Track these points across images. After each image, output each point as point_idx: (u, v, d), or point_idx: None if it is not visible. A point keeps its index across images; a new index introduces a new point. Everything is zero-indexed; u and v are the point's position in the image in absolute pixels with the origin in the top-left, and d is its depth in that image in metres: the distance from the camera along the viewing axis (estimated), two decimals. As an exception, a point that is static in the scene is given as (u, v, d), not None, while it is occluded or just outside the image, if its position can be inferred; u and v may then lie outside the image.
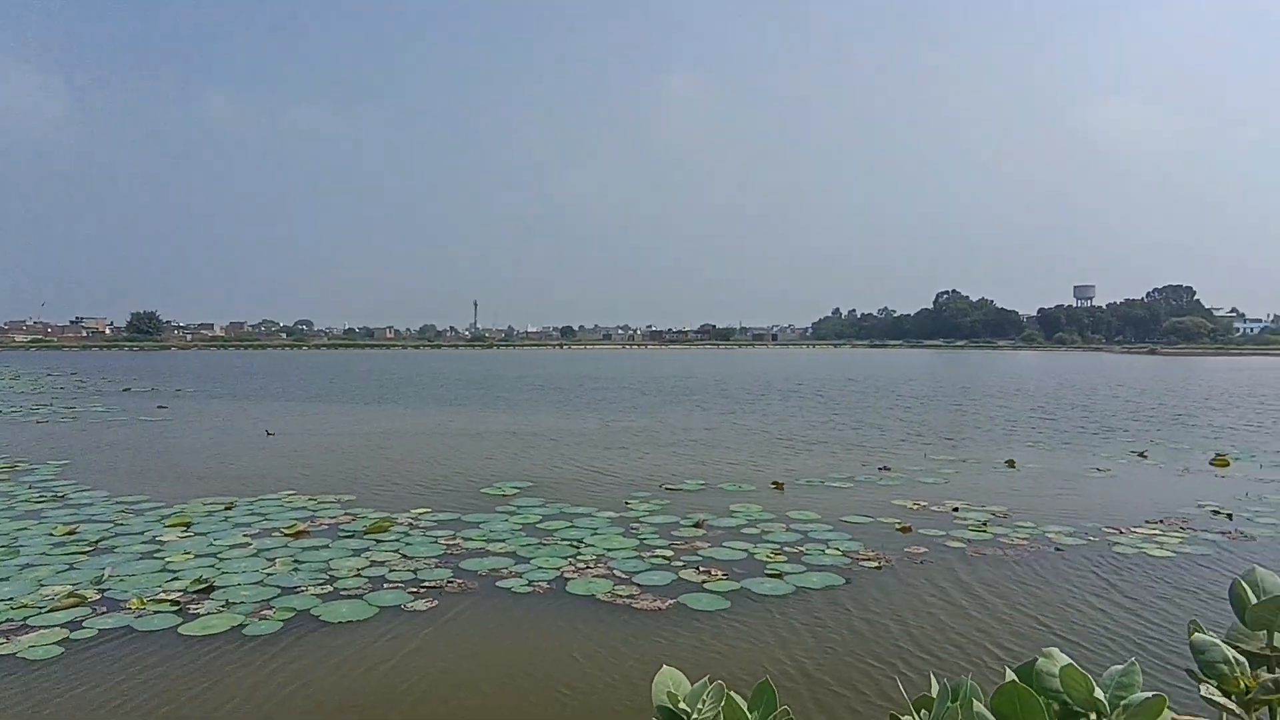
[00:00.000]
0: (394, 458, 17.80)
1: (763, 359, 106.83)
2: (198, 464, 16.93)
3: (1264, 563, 8.18)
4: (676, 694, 1.68)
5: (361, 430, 23.38)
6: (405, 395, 38.54)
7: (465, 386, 45.64)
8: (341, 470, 15.98)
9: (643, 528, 10.95)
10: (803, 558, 9.47)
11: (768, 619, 7.47)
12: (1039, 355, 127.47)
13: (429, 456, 18.00)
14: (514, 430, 23.28)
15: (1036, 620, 7.49)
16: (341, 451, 18.81)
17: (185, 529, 10.84)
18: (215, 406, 31.83)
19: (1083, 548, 10.05)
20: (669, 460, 17.43)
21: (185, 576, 8.64)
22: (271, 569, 9.00)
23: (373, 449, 19.29)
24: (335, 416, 27.75)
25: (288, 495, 13.19)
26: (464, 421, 25.98)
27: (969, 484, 14.56)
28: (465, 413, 29.27)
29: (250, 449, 19.27)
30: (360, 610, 7.69)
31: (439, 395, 38.60)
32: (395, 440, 20.98)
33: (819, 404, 33.50)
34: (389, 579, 8.63)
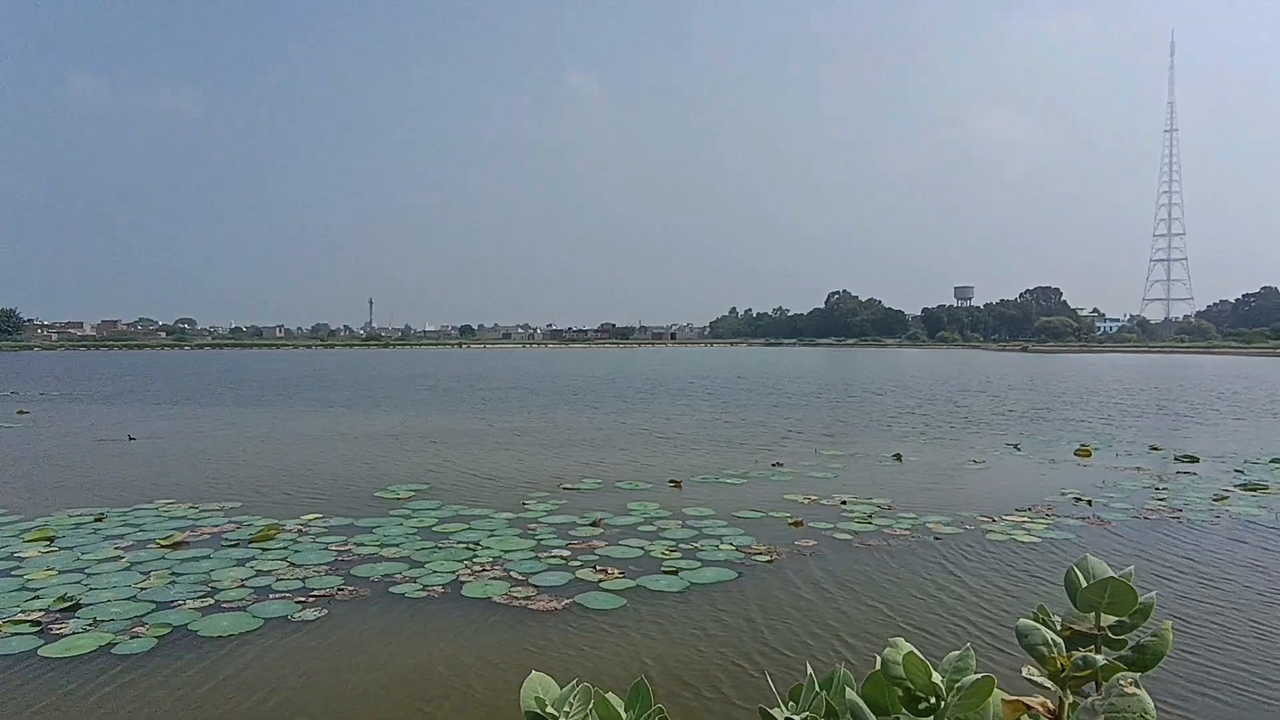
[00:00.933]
0: (282, 462, 17.11)
1: (661, 358, 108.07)
2: (64, 473, 15.80)
3: (1114, 543, 8.92)
4: (545, 699, 1.71)
5: (247, 434, 22.34)
6: (295, 396, 37.07)
7: (358, 387, 44.26)
8: (225, 476, 15.24)
9: (540, 528, 10.93)
10: (698, 554, 9.66)
11: (663, 616, 7.60)
12: (923, 352, 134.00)
13: (320, 460, 17.39)
14: (409, 432, 22.75)
15: (915, 607, 7.89)
16: (225, 456, 17.93)
17: (48, 544, 10.11)
18: (85, 410, 29.75)
19: (959, 536, 10.65)
20: (567, 460, 17.43)
21: (47, 595, 8.06)
22: (145, 583, 8.50)
23: (260, 453, 18.48)
24: (218, 420, 26.41)
25: (165, 504, 12.49)
26: (357, 423, 25.21)
27: (857, 478, 15.18)
28: (358, 414, 28.40)
29: (124, 456, 18.11)
30: (243, 623, 7.37)
31: (331, 396, 37.30)
32: (284, 444, 20.17)
33: (714, 402, 34.17)
34: (275, 589, 8.31)
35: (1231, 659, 6.57)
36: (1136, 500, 13.04)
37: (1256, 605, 7.95)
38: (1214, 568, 9.25)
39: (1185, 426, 24.82)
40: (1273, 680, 6.17)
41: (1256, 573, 9.06)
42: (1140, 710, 1.86)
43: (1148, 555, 9.77)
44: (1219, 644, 6.89)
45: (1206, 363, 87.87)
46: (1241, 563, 9.47)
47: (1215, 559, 9.62)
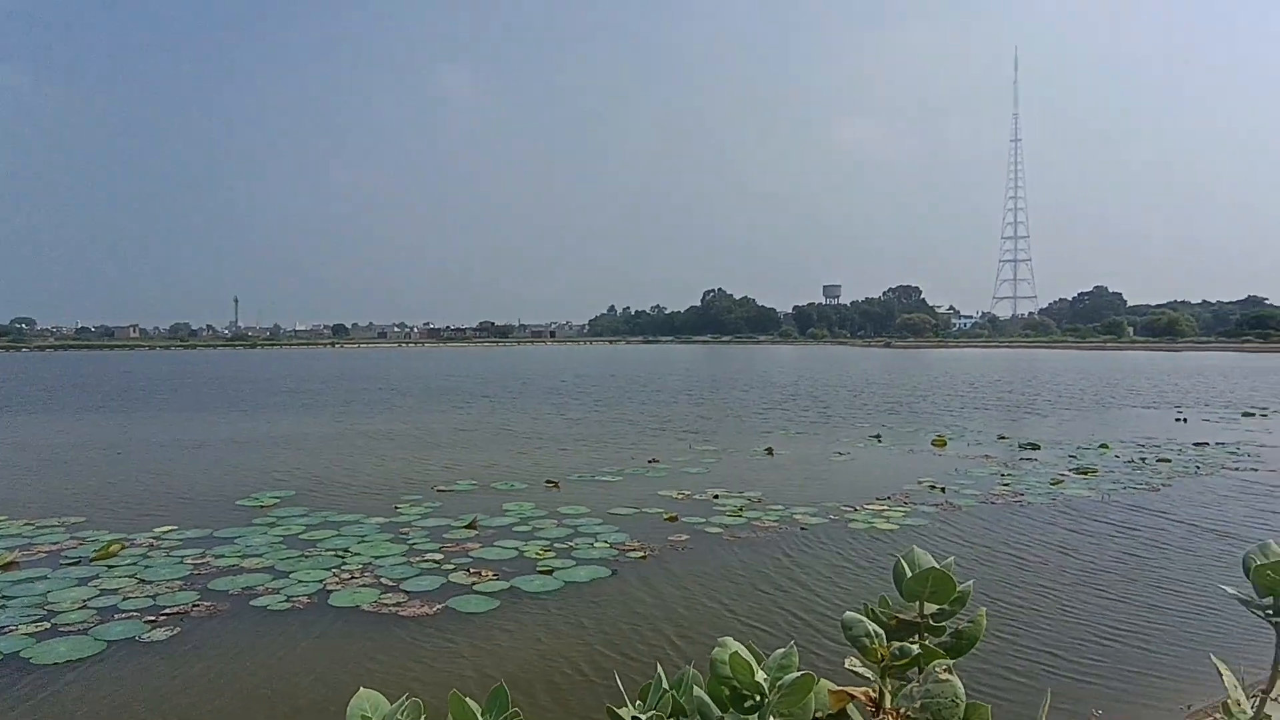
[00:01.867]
0: (132, 472, 15.93)
1: (540, 356, 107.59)
2: None
3: (963, 527, 9.58)
4: (371, 716, 1.68)
5: (93, 442, 20.67)
6: (148, 401, 34.56)
7: (220, 390, 41.76)
8: (67, 489, 14.06)
9: (413, 532, 10.68)
10: (572, 552, 9.71)
11: (536, 616, 7.60)
12: (794, 349, 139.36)
13: (175, 468, 16.31)
14: (274, 436, 21.69)
15: (780, 599, 8.22)
16: (67, 467, 16.54)
17: None
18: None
19: (824, 526, 11.16)
20: (441, 461, 17.08)
21: None
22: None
23: (107, 463, 17.15)
24: (58, 427, 24.29)
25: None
26: (217, 428, 23.79)
27: (730, 472, 15.62)
28: (218, 419, 26.81)
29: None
30: (83, 647, 6.83)
31: (189, 400, 35.04)
32: (134, 452, 18.79)
33: (590, 400, 34.33)
34: (122, 609, 7.75)
35: (1041, 639, 7.08)
36: (985, 486, 14.03)
37: (1065, 585, 8.65)
38: (1042, 549, 10.09)
39: (1029, 416, 26.90)
40: (1069, 658, 6.68)
41: (1070, 555, 9.88)
42: (952, 695, 2.05)
43: (990, 539, 10.55)
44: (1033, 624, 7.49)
45: (1048, 356, 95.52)
46: (1063, 544, 10.35)
47: (1045, 541, 10.50)
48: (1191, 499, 13.01)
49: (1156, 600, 8.05)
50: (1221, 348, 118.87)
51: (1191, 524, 11.29)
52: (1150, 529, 11.01)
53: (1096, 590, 8.39)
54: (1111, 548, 10.06)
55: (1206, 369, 60.29)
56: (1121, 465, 16.29)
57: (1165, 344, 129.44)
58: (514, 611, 7.71)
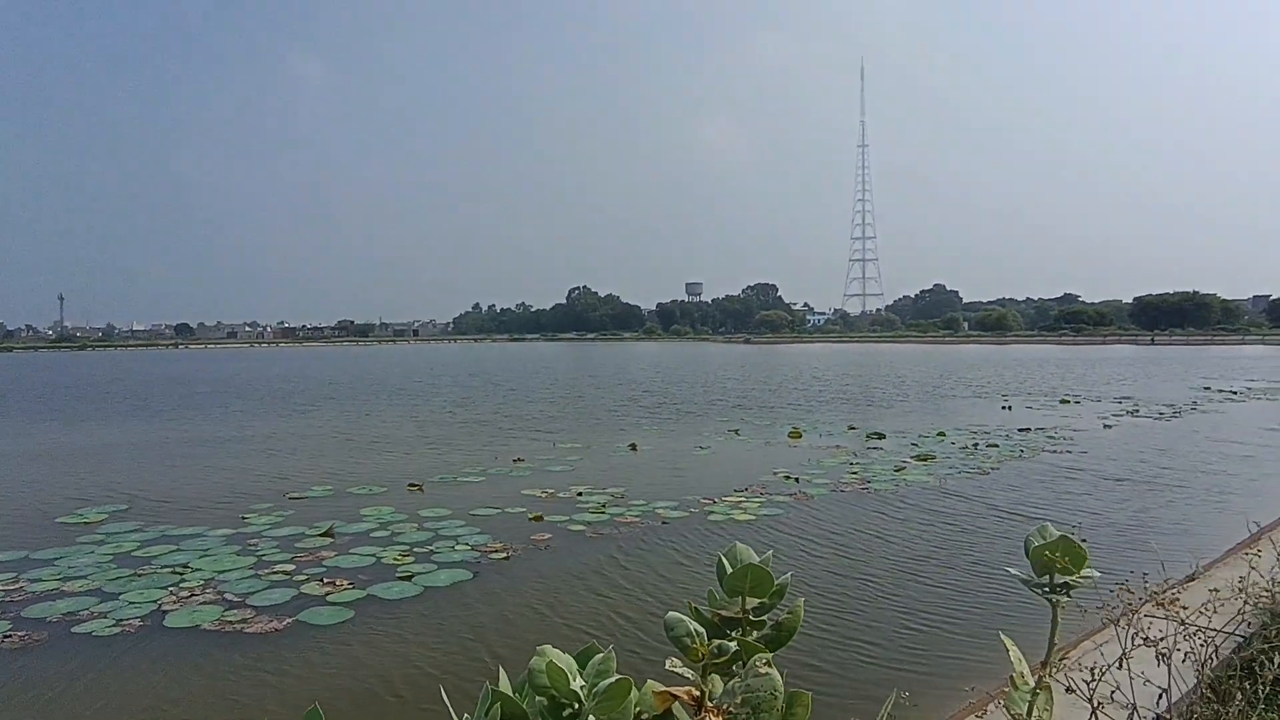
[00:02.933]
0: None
1: (402, 355, 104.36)
2: None
3: (814, 515, 10.10)
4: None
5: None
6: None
7: (39, 395, 37.94)
8: None
9: (262, 543, 10.16)
10: (433, 556, 9.55)
11: (392, 625, 7.43)
12: (658, 345, 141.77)
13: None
14: (103, 445, 19.99)
15: (636, 595, 8.37)
16: None
17: None
18: None
19: (685, 519, 11.47)
20: (294, 467, 16.33)
21: None
22: None
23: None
24: None
25: None
26: (32, 439, 21.66)
27: (594, 469, 15.77)
28: (34, 427, 24.40)
29: None
30: None
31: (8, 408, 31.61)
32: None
33: (455, 400, 33.69)
34: (-91, 646, 6.95)
35: (870, 624, 7.52)
36: (835, 475, 14.82)
37: (894, 571, 9.21)
38: (881, 535, 10.78)
39: (876, 408, 28.59)
40: (887, 642, 7.10)
41: (903, 540, 10.63)
42: (771, 689, 2.19)
43: (836, 526, 11.18)
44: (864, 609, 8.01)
45: (893, 350, 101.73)
46: (898, 531, 11.10)
47: (884, 527, 11.23)
48: (1014, 482, 14.24)
49: (969, 584, 8.66)
50: (1043, 341, 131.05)
51: (1010, 508, 12.35)
52: (972, 514, 11.94)
53: (920, 575, 8.98)
54: (939, 532, 10.85)
55: (1030, 360, 66.12)
56: (957, 451, 17.62)
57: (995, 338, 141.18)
58: (370, 621, 7.50)
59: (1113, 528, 10.79)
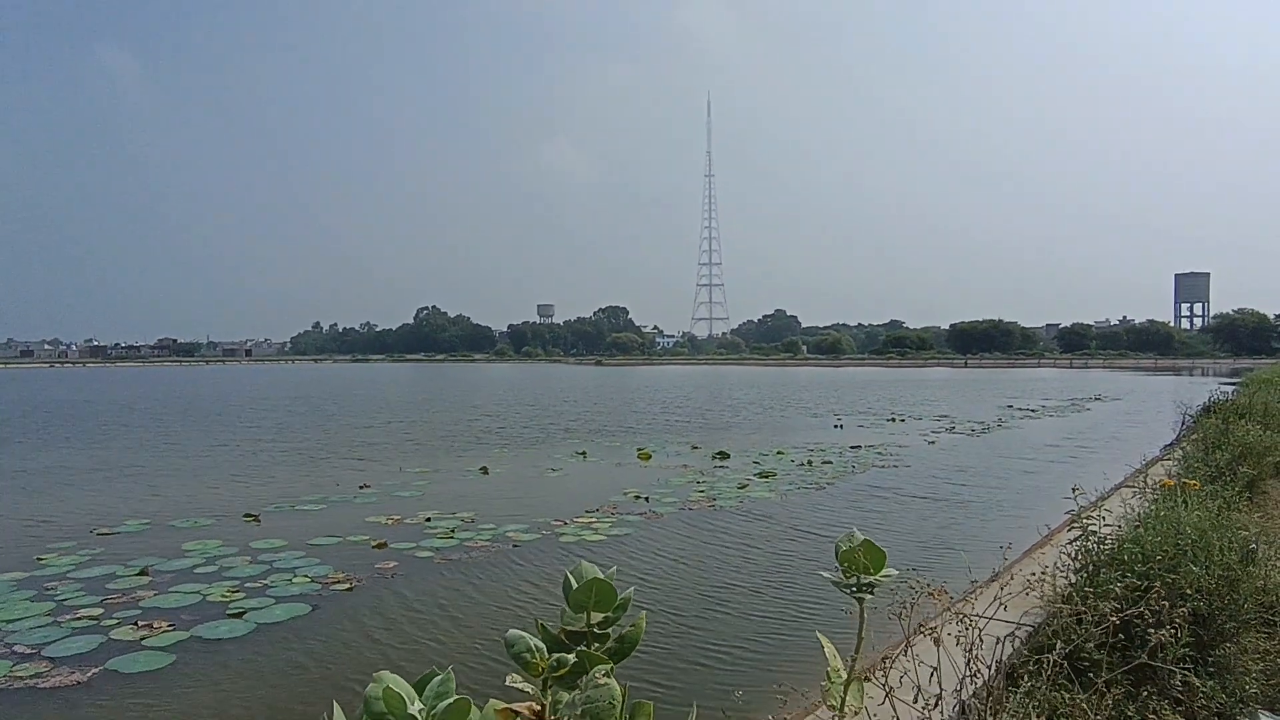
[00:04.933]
0: None
1: (231, 376, 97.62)
2: None
3: (663, 533, 10.33)
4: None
5: None
6: None
7: None
8: None
9: (63, 586, 9.13)
10: (267, 590, 8.96)
11: (220, 666, 6.90)
12: (509, 366, 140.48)
13: None
14: None
15: (485, 622, 8.17)
16: None
17: None
18: None
19: (536, 541, 11.39)
20: (101, 499, 14.86)
21: None
22: None
23: None
24: None
25: None
26: None
27: (443, 493, 15.36)
28: None
29: None
30: None
31: None
32: None
33: (289, 423, 31.86)
34: None
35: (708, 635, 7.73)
36: (683, 494, 15.19)
37: (733, 584, 9.59)
38: (723, 550, 11.17)
39: (720, 428, 29.58)
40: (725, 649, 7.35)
41: (743, 554, 11.10)
42: (609, 698, 2.27)
43: (684, 543, 11.49)
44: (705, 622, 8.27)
45: (738, 372, 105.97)
46: (738, 545, 11.52)
47: (727, 543, 11.65)
48: (847, 495, 15.19)
49: (809, 592, 9.08)
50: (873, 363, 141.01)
51: (839, 519, 13.17)
52: (808, 526, 12.63)
53: (763, 587, 9.36)
54: (780, 545, 11.38)
55: (861, 381, 70.76)
56: (795, 468, 18.53)
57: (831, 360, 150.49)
58: (194, 665, 6.92)
59: (923, 536, 11.73)
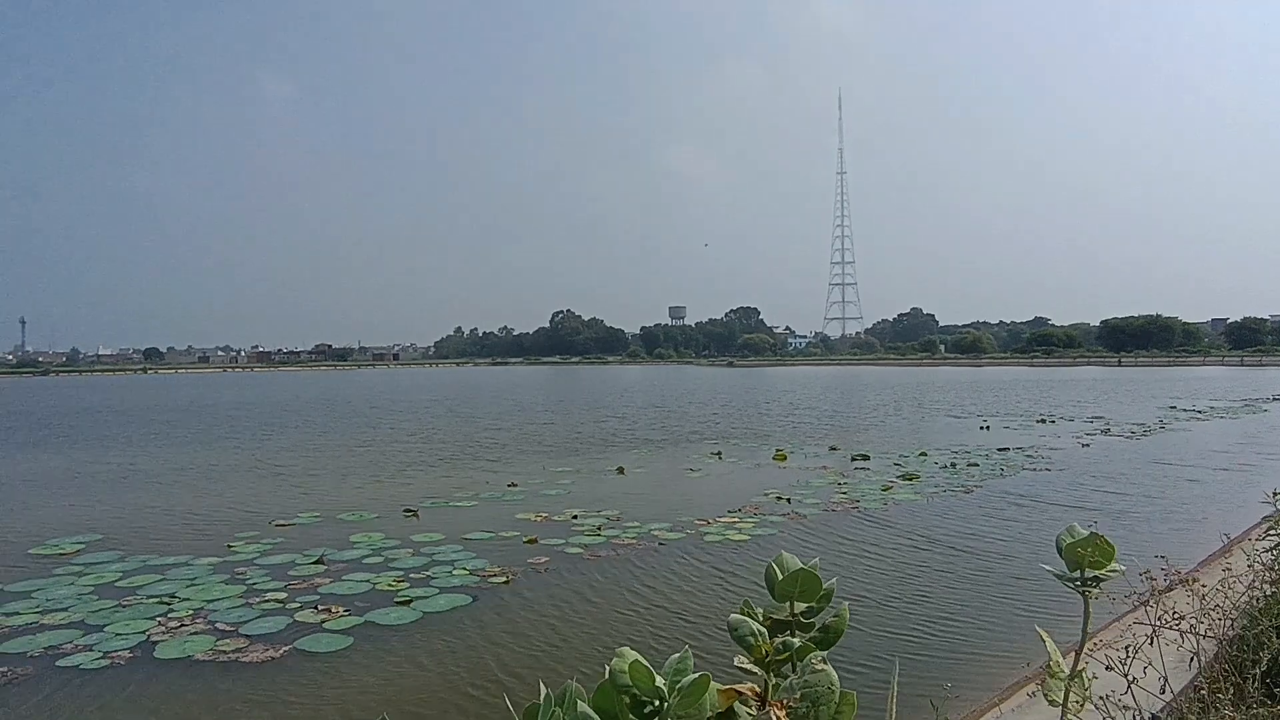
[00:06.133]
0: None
1: (382, 379, 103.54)
2: None
3: (809, 534, 10.11)
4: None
5: None
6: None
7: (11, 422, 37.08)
8: None
9: (251, 571, 9.93)
10: (430, 581, 9.39)
11: (395, 651, 7.27)
12: (641, 369, 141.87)
13: (-47, 515, 14.31)
14: (73, 473, 19.53)
15: (644, 612, 8.31)
16: None
17: None
18: None
19: (681, 540, 11.41)
20: (279, 493, 16.07)
21: None
22: None
23: None
24: None
25: None
26: (4, 467, 21.10)
27: (586, 492, 15.66)
28: (6, 454, 23.80)
29: None
30: None
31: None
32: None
33: (441, 424, 33.39)
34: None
35: (888, 628, 7.68)
36: (824, 495, 14.85)
37: (903, 579, 9.38)
38: (880, 548, 10.82)
39: (858, 429, 28.76)
40: (916, 642, 7.30)
41: (905, 551, 10.72)
42: (828, 683, 2.18)
43: (834, 543, 11.19)
44: (881, 615, 8.06)
45: (873, 372, 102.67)
46: (898, 543, 11.17)
47: (883, 541, 11.26)
48: (998, 498, 14.38)
49: (985, 584, 8.83)
50: (1016, 363, 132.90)
51: (1003, 519, 12.48)
52: (958, 529, 12.03)
53: (929, 581, 9.09)
54: (940, 543, 10.91)
55: (1004, 382, 66.94)
56: (939, 471, 17.74)
57: (971, 360, 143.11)
58: (370, 647, 7.34)
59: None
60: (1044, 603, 8.08)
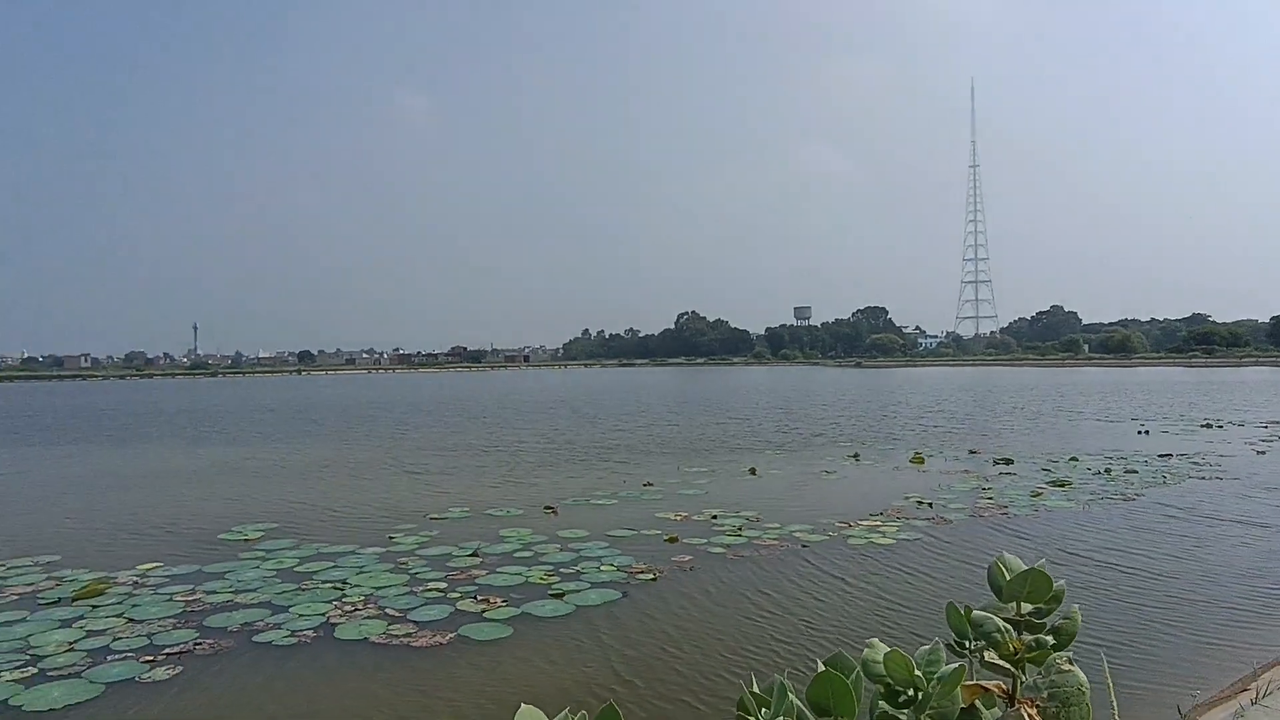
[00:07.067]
0: (108, 507, 15.48)
1: (515, 380, 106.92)
2: None
3: (958, 540, 9.75)
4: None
5: (57, 476, 20.06)
6: (116, 432, 33.56)
7: (185, 420, 40.77)
8: (40, 526, 13.60)
9: (413, 561, 10.51)
10: (580, 576, 9.64)
11: (553, 641, 7.52)
12: (767, 370, 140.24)
13: (149, 502, 15.87)
14: (248, 466, 21.23)
15: (798, 612, 8.24)
16: (33, 503, 16.00)
17: None
18: None
19: (824, 543, 11.25)
20: (429, 488, 16.90)
21: None
22: (-57, 658, 7.40)
23: (77, 498, 16.64)
24: (21, 462, 23.49)
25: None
26: (186, 459, 23.21)
27: (722, 492, 15.67)
28: (186, 449, 26.17)
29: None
30: (79, 691, 6.58)
31: (156, 431, 34.10)
32: (104, 485, 18.26)
33: (574, 423, 34.19)
34: (115, 649, 7.48)
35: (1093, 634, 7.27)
36: (969, 501, 14.26)
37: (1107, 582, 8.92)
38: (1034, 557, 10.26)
39: (998, 432, 27.39)
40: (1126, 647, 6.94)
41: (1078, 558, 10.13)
42: (1076, 685, 2.11)
43: (989, 550, 10.70)
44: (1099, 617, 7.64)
45: (1011, 374, 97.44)
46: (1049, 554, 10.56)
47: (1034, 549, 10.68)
48: (1169, 507, 13.37)
49: (1147, 604, 8.26)
50: (1171, 362, 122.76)
51: (1167, 532, 11.60)
52: (1124, 540, 11.25)
53: (1088, 598, 8.55)
54: (1096, 556, 10.25)
55: (1159, 384, 62.02)
56: (1093, 477, 16.69)
57: (1119, 360, 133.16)
58: (530, 637, 7.63)
59: None
60: (1219, 630, 7.49)
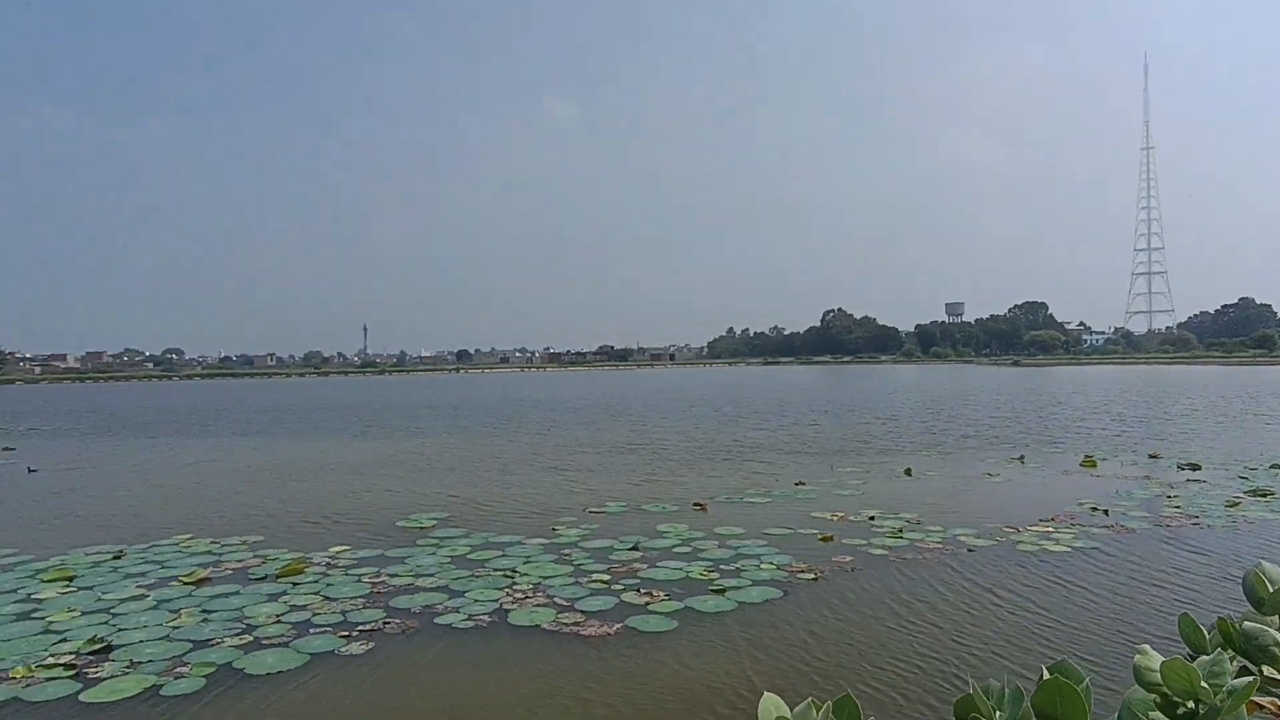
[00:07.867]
0: (299, 493, 16.95)
1: (662, 378, 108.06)
2: (69, 509, 15.57)
3: (1144, 551, 8.99)
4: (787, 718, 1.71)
5: (258, 465, 22.14)
6: (298, 426, 36.68)
7: (360, 415, 43.92)
8: (244, 509, 15.09)
9: (575, 553, 10.87)
10: (740, 573, 9.65)
11: (718, 636, 7.57)
12: (917, 369, 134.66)
13: (336, 490, 17.25)
14: (419, 458, 22.62)
15: (969, 619, 7.90)
16: (240, 489, 17.75)
17: (67, 583, 9.88)
18: (79, 445, 29.30)
19: (992, 547, 10.72)
20: (587, 483, 17.38)
21: (75, 637, 7.83)
22: (176, 622, 8.34)
23: (275, 485, 18.31)
24: (223, 451, 26.10)
25: (184, 539, 12.31)
26: (365, 451, 25.03)
27: (878, 493, 15.24)
28: (365, 442, 28.21)
29: (132, 490, 17.89)
30: (289, 659, 7.26)
31: (334, 425, 36.97)
32: (297, 474, 19.98)
33: (721, 422, 34.17)
34: (315, 624, 8.20)
35: None
36: (1152, 508, 13.18)
37: None
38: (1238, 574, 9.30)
39: (1180, 434, 25.06)
40: None
41: None
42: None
43: (1182, 563, 9.84)
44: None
45: (1191, 373, 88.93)
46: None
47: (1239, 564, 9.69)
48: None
49: None
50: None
51: None
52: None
53: None
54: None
55: (1384, 381, 54.68)
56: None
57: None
58: (695, 631, 7.72)
59: None
60: None
